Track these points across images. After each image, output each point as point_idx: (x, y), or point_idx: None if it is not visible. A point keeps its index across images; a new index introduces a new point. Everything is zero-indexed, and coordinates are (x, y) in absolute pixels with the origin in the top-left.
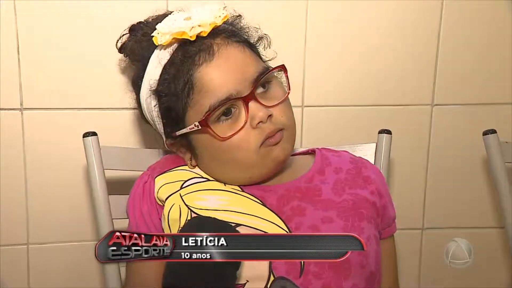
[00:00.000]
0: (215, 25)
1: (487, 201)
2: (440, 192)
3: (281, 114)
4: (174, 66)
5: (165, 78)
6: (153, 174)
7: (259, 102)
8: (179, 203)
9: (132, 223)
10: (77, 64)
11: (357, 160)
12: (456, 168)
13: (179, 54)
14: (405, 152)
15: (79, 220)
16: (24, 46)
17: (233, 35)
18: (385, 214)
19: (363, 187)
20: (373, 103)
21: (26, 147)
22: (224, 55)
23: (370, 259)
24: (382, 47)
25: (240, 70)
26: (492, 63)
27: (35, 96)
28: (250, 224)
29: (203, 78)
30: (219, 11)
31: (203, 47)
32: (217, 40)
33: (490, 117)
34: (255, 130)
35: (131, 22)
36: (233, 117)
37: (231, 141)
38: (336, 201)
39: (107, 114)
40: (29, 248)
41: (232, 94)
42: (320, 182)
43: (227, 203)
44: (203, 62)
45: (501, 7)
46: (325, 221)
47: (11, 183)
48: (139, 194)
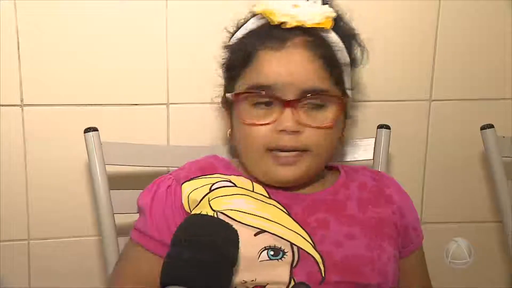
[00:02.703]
0: (301, 24)
1: (485, 196)
2: (438, 187)
3: (311, 137)
4: (251, 36)
5: (239, 40)
6: (178, 179)
7: (296, 114)
8: (207, 209)
9: (150, 223)
10: (77, 60)
11: (378, 178)
12: (454, 162)
13: (262, 29)
14: (404, 147)
15: (80, 216)
16: (24, 42)
17: (315, 44)
18: (406, 234)
19: (385, 206)
20: (371, 98)
21: (26, 143)
22: (291, 54)
23: (388, 279)
24: (380, 42)
25: (296, 75)
26: (489, 58)
27: (35, 92)
28: (274, 232)
29: (260, 59)
30: (328, 14)
31: (280, 36)
32: (296, 39)
33: (487, 112)
34: (275, 134)
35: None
36: (269, 110)
37: (248, 128)
38: (360, 218)
39: (108, 110)
40: (29, 243)
41: (274, 90)
42: (345, 197)
43: (254, 208)
44: (270, 48)
45: (499, 2)
46: (348, 237)
47: (12, 179)
48: (161, 196)
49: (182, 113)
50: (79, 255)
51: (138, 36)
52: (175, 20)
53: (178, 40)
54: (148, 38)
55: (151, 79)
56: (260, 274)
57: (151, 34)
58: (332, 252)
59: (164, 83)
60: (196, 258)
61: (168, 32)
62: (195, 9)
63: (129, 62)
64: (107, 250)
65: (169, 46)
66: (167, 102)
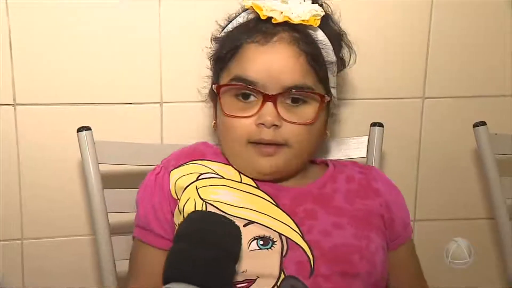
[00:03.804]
0: (288, 20)
1: (478, 193)
2: (431, 184)
3: (290, 132)
4: (239, 29)
5: (228, 33)
6: (167, 167)
7: (276, 108)
8: (195, 196)
9: (141, 214)
10: (70, 59)
11: (367, 172)
12: (447, 160)
13: (249, 23)
14: (397, 145)
15: (74, 215)
16: (16, 41)
17: (301, 40)
18: (393, 227)
19: (373, 198)
20: (365, 96)
21: (19, 143)
22: (276, 49)
23: (377, 268)
24: (373, 40)
25: (279, 70)
26: (482, 56)
27: (28, 91)
28: (262, 222)
29: (246, 52)
30: (315, 12)
31: (267, 30)
32: (283, 34)
33: (480, 110)
34: (255, 126)
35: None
36: (251, 103)
37: (229, 120)
38: (348, 209)
39: (101, 109)
40: (23, 243)
41: (256, 83)
42: (332, 190)
43: (241, 200)
44: (256, 42)
45: (492, 0)
46: (336, 227)
47: (5, 178)
48: (150, 185)
49: (176, 112)
50: (73, 255)
51: (131, 35)
52: (168, 19)
53: (172, 39)
54: (141, 37)
55: (144, 78)
56: (250, 264)
57: (144, 33)
58: (320, 242)
59: (157, 82)
60: (198, 254)
61: (161, 31)
62: (188, 8)
63: (122, 61)
64: (100, 249)
65: (163, 45)
66: (160, 100)
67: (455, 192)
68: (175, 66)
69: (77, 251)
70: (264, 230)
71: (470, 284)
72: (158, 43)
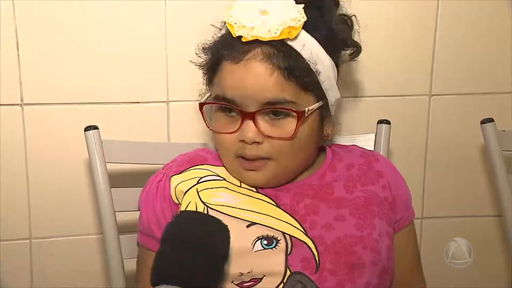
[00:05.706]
0: (258, 38)
1: (485, 190)
2: (438, 181)
3: (272, 147)
4: (220, 43)
5: (211, 46)
6: (169, 173)
7: (256, 126)
8: (196, 200)
9: (144, 219)
10: (77, 59)
11: (368, 154)
12: (454, 157)
13: (228, 37)
14: (404, 142)
15: (82, 214)
16: (24, 41)
17: (276, 55)
18: (396, 207)
19: (375, 182)
20: (372, 94)
21: (27, 143)
22: (249, 68)
23: (382, 255)
24: (380, 37)
25: (253, 88)
26: (489, 53)
27: (35, 91)
28: (265, 223)
29: (223, 70)
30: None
31: (240, 48)
32: (258, 50)
33: (487, 106)
34: (239, 142)
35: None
36: (234, 118)
37: (216, 135)
38: (348, 199)
39: (108, 108)
40: (31, 242)
41: (234, 101)
42: (332, 179)
43: (242, 202)
44: (231, 61)
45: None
46: (338, 219)
47: (13, 178)
48: (152, 192)
49: (182, 111)
50: (81, 254)
51: (137, 34)
52: (174, 19)
53: (178, 39)
54: (148, 36)
55: (151, 77)
56: (255, 264)
57: (151, 32)
58: (323, 236)
59: (164, 81)
60: (184, 255)
61: (167, 30)
62: (194, 8)
63: (129, 61)
64: (108, 248)
65: (169, 44)
66: (167, 99)
67: (462, 189)
68: (182, 65)
69: (85, 250)
70: (267, 230)
71: (478, 281)
72: (164, 43)
